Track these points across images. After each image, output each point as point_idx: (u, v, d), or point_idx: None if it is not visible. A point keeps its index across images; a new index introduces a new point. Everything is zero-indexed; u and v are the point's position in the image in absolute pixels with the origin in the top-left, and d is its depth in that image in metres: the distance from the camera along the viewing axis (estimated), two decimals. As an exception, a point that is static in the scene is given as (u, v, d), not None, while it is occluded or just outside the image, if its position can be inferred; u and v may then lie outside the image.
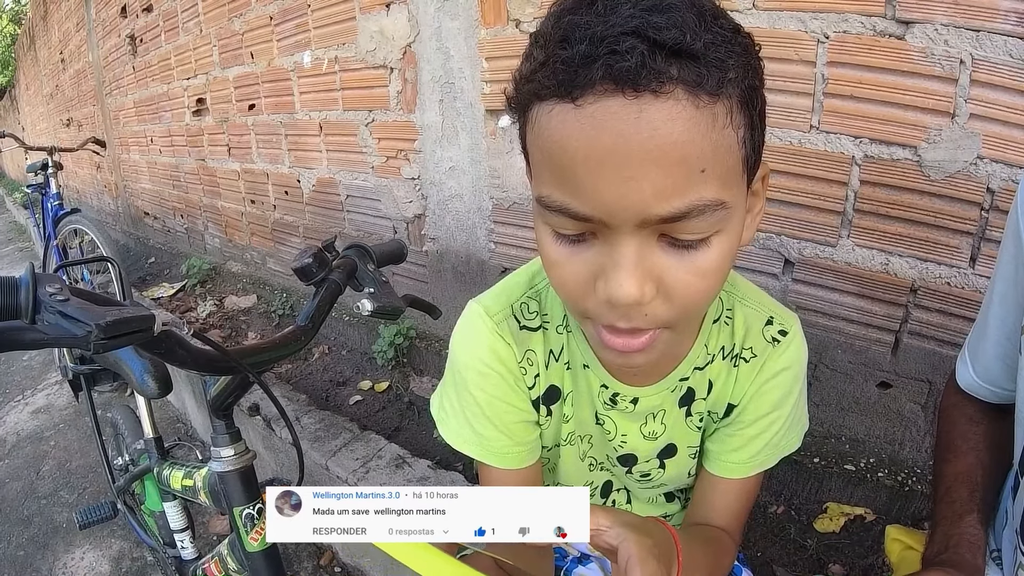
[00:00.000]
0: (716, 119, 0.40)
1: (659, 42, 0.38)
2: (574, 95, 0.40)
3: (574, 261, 0.47)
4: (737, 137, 0.42)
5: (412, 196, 2.16)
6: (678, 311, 0.47)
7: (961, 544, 0.63)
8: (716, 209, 0.42)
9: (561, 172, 0.43)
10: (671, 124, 0.39)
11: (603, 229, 0.44)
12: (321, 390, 2.32)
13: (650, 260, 0.44)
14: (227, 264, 3.58)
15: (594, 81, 0.39)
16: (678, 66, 0.38)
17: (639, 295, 0.44)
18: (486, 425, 0.66)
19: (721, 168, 0.42)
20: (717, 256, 0.45)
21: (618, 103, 0.39)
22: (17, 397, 2.89)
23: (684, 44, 0.38)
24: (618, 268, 0.44)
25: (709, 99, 0.39)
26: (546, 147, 0.43)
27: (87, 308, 0.45)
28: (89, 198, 6.28)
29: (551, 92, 0.41)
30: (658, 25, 0.38)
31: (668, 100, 0.38)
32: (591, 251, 0.46)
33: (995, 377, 0.69)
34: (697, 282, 0.45)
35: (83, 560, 1.79)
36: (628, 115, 0.39)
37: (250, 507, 0.84)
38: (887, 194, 1.20)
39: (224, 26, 2.87)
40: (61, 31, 5.69)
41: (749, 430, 0.67)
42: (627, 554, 0.43)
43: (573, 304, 0.50)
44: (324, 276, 0.77)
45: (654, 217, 0.41)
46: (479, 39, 1.74)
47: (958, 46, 1.06)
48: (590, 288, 0.47)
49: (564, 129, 0.41)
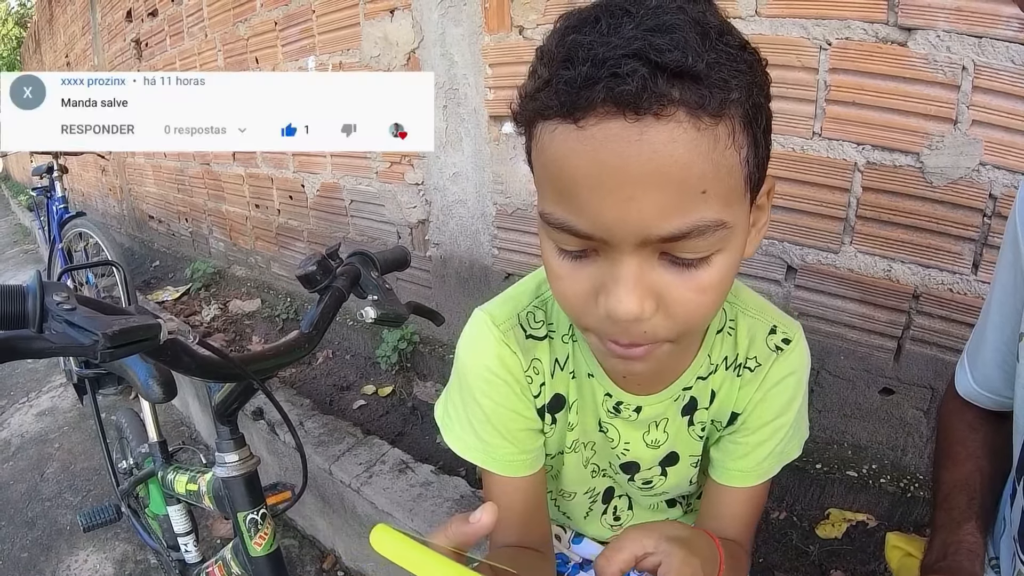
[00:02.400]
0: (718, 140, 0.40)
1: (661, 64, 0.38)
2: (576, 116, 0.40)
3: (576, 276, 0.47)
4: (739, 157, 0.43)
5: (416, 201, 2.17)
6: (678, 327, 0.47)
7: (960, 551, 0.63)
8: (717, 229, 0.42)
9: (563, 190, 0.43)
10: (672, 146, 0.39)
11: (604, 246, 0.44)
12: (325, 395, 2.32)
13: (650, 277, 0.44)
14: (231, 268, 3.59)
15: (595, 103, 0.39)
16: (680, 88, 0.38)
17: (639, 311, 0.44)
18: (491, 432, 0.66)
19: (722, 189, 0.42)
20: (718, 273, 0.45)
21: (619, 125, 0.39)
22: (22, 399, 2.90)
23: (686, 66, 0.38)
24: (618, 284, 0.44)
25: (711, 120, 0.40)
26: (549, 165, 0.44)
27: (94, 317, 0.46)
28: (94, 201, 6.30)
29: (554, 112, 0.42)
30: (660, 47, 0.38)
31: (669, 122, 0.39)
32: (593, 267, 0.46)
33: (994, 384, 0.69)
34: (697, 299, 0.46)
35: (87, 563, 1.80)
36: (629, 137, 0.39)
37: (254, 512, 0.85)
38: (889, 200, 1.20)
39: (229, 31, 2.88)
40: (66, 35, 5.73)
41: (753, 437, 0.67)
42: (666, 570, 0.44)
43: (576, 318, 0.51)
44: (328, 283, 0.78)
45: (654, 237, 0.42)
46: (482, 45, 1.75)
47: (960, 52, 1.06)
48: (591, 303, 0.47)
49: (566, 149, 0.42)
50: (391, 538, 0.39)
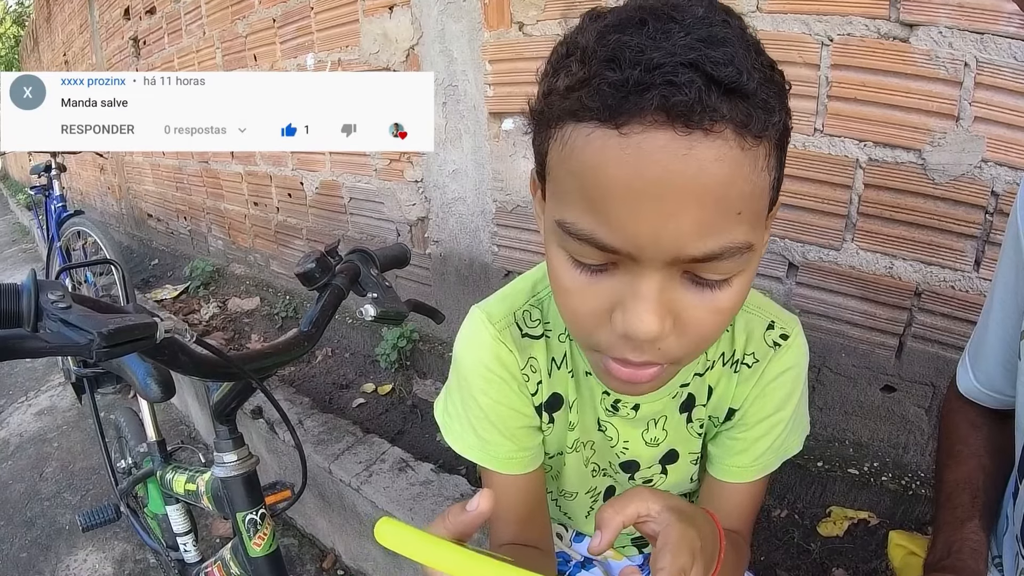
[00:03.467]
0: (757, 162, 0.39)
1: (716, 78, 0.36)
2: (619, 121, 0.38)
3: (591, 291, 0.45)
4: (770, 180, 0.42)
5: (415, 199, 2.17)
6: (690, 347, 0.46)
7: (963, 550, 0.63)
8: (744, 252, 0.41)
9: (593, 199, 0.41)
10: (718, 164, 0.38)
11: (627, 261, 0.42)
12: (324, 393, 2.32)
13: (670, 296, 0.43)
14: (230, 266, 3.59)
15: (645, 110, 0.37)
16: (729, 105, 0.37)
17: (659, 330, 0.43)
18: (490, 430, 0.66)
19: (754, 211, 0.41)
20: (736, 295, 0.44)
21: (667, 136, 0.37)
22: (20, 399, 2.89)
23: (740, 83, 0.37)
24: (639, 302, 0.42)
25: (754, 141, 0.39)
26: (579, 171, 0.41)
27: (89, 316, 0.45)
28: (93, 200, 6.30)
29: (592, 114, 0.39)
30: (716, 60, 0.36)
31: (717, 139, 0.37)
32: (611, 281, 0.44)
33: (996, 383, 0.69)
34: (713, 319, 0.45)
35: (86, 562, 1.80)
36: (677, 150, 0.37)
37: (253, 512, 0.84)
38: (891, 197, 1.20)
39: (227, 28, 2.88)
40: (65, 33, 5.72)
41: (752, 432, 0.67)
42: (664, 541, 0.42)
43: (585, 335, 0.48)
44: (327, 281, 0.78)
45: (686, 256, 0.40)
46: (482, 42, 1.74)
47: (962, 49, 1.06)
48: (605, 319, 0.45)
49: (604, 155, 0.39)
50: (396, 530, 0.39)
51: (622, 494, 0.45)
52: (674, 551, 0.42)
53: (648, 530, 0.44)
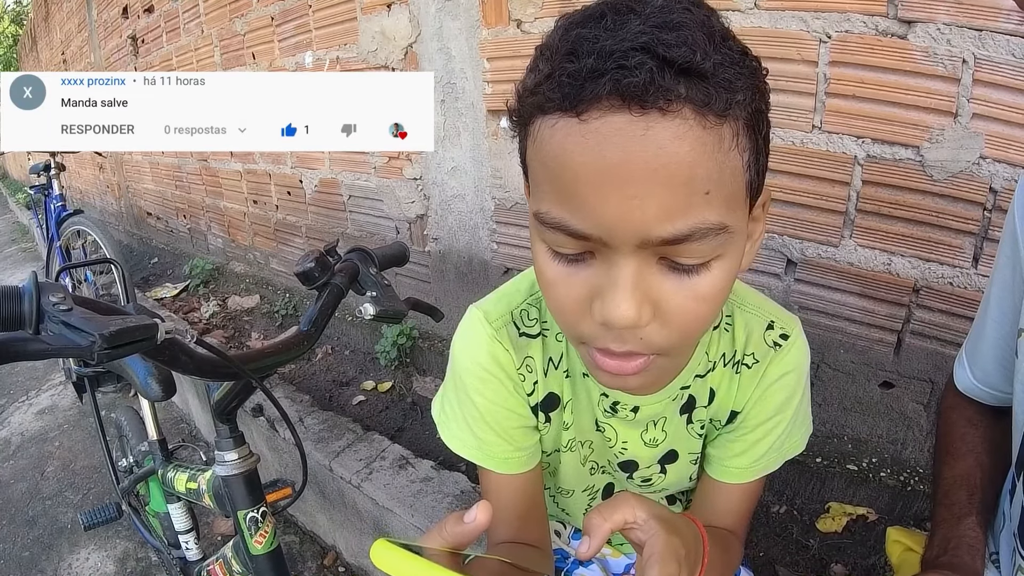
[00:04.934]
0: (722, 141, 0.40)
1: (668, 59, 0.37)
2: (579, 109, 0.39)
3: (571, 282, 0.46)
4: (742, 160, 0.42)
5: (414, 196, 2.17)
6: (674, 337, 0.46)
7: (960, 547, 0.64)
8: (718, 233, 0.42)
9: (562, 188, 0.42)
10: (678, 143, 0.38)
11: (602, 249, 0.43)
12: (324, 390, 2.32)
13: (648, 282, 0.43)
14: (230, 264, 3.59)
15: (600, 96, 0.38)
16: (686, 85, 0.38)
17: (636, 317, 0.43)
18: (486, 430, 0.66)
19: (725, 191, 0.41)
20: (717, 281, 0.44)
21: (624, 119, 0.38)
22: (21, 398, 2.90)
23: (694, 63, 0.37)
24: (615, 289, 0.43)
25: (716, 120, 0.39)
26: (547, 161, 0.42)
27: (91, 318, 0.45)
28: (92, 199, 6.29)
29: (555, 105, 0.40)
30: (668, 42, 0.37)
31: (675, 119, 0.38)
32: (588, 271, 0.45)
33: (993, 380, 0.69)
34: (695, 307, 0.45)
35: (88, 561, 1.80)
36: (634, 132, 0.38)
37: (254, 510, 0.85)
38: (889, 194, 1.20)
39: (225, 27, 2.87)
40: (63, 32, 5.70)
41: (752, 435, 0.67)
42: (651, 551, 0.43)
43: (569, 326, 0.49)
44: (326, 280, 0.78)
45: (655, 238, 0.41)
46: (480, 40, 1.74)
47: (961, 46, 1.06)
48: (586, 309, 0.46)
49: (567, 143, 0.40)
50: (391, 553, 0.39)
51: (609, 500, 0.45)
52: (661, 560, 0.42)
53: (633, 537, 0.44)
